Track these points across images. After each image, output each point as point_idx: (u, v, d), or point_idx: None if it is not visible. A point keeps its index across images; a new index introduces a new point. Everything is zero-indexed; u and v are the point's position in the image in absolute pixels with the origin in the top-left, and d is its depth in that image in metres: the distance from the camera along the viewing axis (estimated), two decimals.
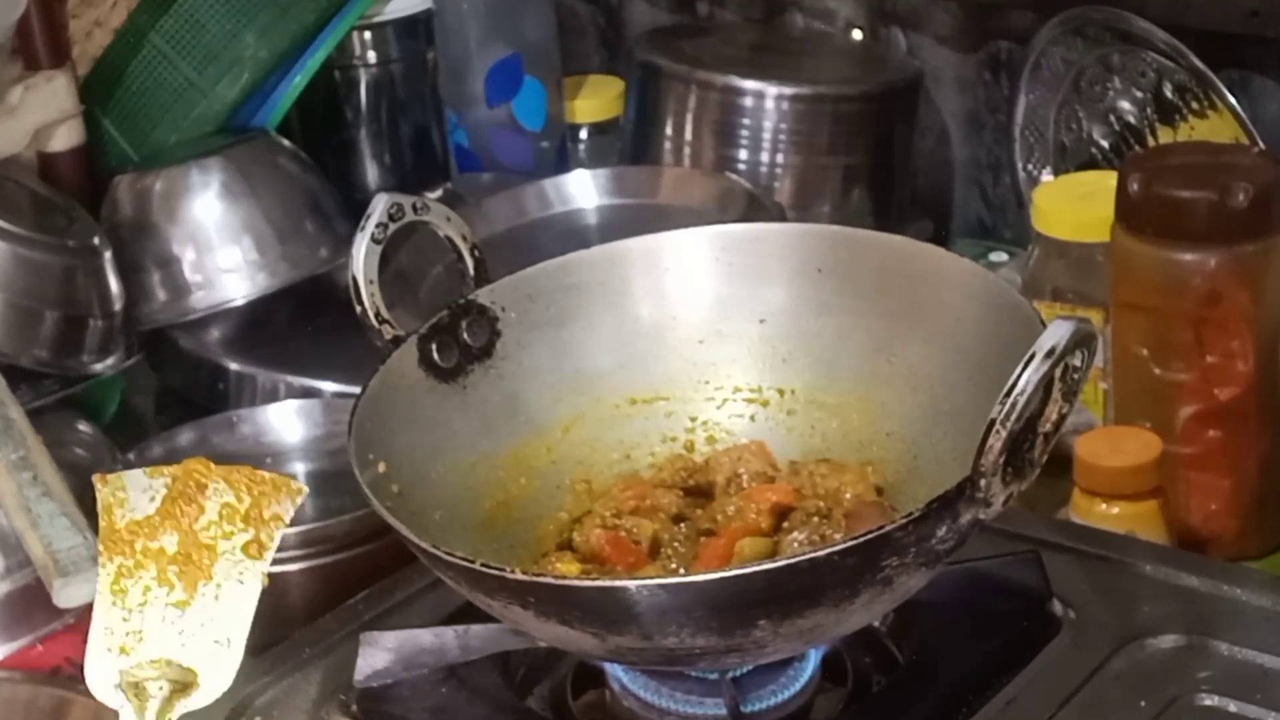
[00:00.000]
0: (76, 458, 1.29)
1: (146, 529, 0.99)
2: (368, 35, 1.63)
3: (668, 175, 1.56)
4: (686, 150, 1.57)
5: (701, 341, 1.10)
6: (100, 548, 0.99)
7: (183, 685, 0.95)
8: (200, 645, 0.96)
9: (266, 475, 1.00)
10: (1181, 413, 1.17)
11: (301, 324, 1.47)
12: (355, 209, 1.20)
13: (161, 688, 0.95)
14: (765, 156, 1.54)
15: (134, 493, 1.01)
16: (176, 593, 0.97)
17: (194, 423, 1.32)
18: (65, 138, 1.50)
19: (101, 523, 1.00)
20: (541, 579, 0.89)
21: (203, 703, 0.95)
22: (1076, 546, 1.08)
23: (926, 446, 1.02)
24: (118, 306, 1.39)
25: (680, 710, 0.97)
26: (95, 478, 1.02)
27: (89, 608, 1.15)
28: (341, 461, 1.09)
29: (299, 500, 1.01)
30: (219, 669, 0.96)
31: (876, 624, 1.02)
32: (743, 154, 1.54)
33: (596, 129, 1.70)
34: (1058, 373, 0.84)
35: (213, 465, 1.01)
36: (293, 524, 1.20)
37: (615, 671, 0.99)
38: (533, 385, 1.07)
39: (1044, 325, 0.84)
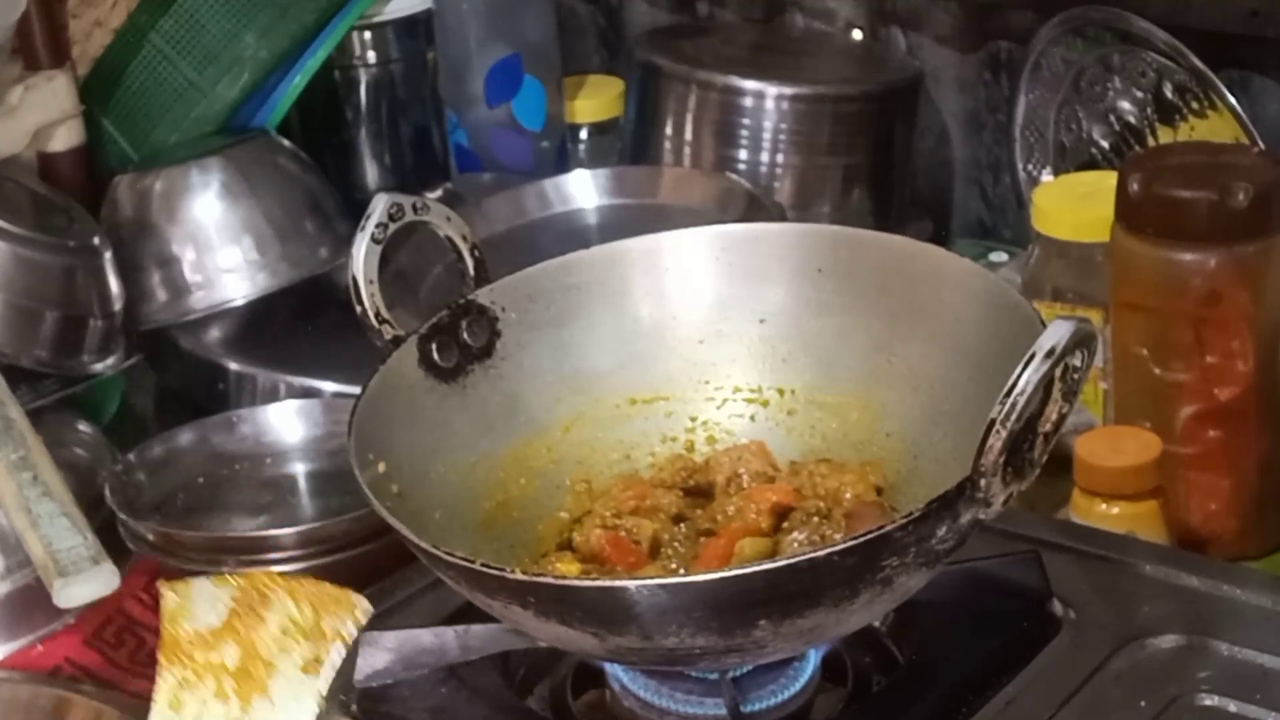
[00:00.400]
0: (76, 458, 1.29)
1: (208, 640, 0.98)
2: (368, 35, 1.63)
3: (668, 175, 1.56)
4: (686, 150, 1.57)
5: (701, 341, 1.10)
6: (160, 658, 0.98)
7: None
8: None
9: (331, 589, 0.99)
10: (1181, 413, 1.17)
11: (301, 324, 1.47)
12: (355, 209, 1.20)
13: None
14: (765, 156, 1.54)
15: (200, 602, 0.99)
16: (232, 708, 0.96)
17: (194, 423, 1.32)
18: (65, 138, 1.50)
19: (164, 632, 0.99)
20: (541, 579, 0.89)
21: None
22: (1076, 546, 1.08)
23: (926, 446, 1.02)
24: (118, 306, 1.39)
25: (680, 710, 0.97)
26: (161, 584, 1.00)
27: (89, 608, 1.16)
28: (341, 461, 1.08)
29: (363, 618, 0.98)
30: None
31: (876, 624, 1.02)
32: (743, 154, 1.54)
33: (596, 129, 1.70)
34: (1058, 373, 0.84)
35: (278, 576, 1.00)
36: (293, 524, 1.21)
37: (615, 671, 0.99)
38: (533, 385, 1.07)
39: (1044, 325, 0.84)
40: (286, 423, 1.33)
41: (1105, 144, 1.48)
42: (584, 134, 1.70)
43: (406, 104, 1.67)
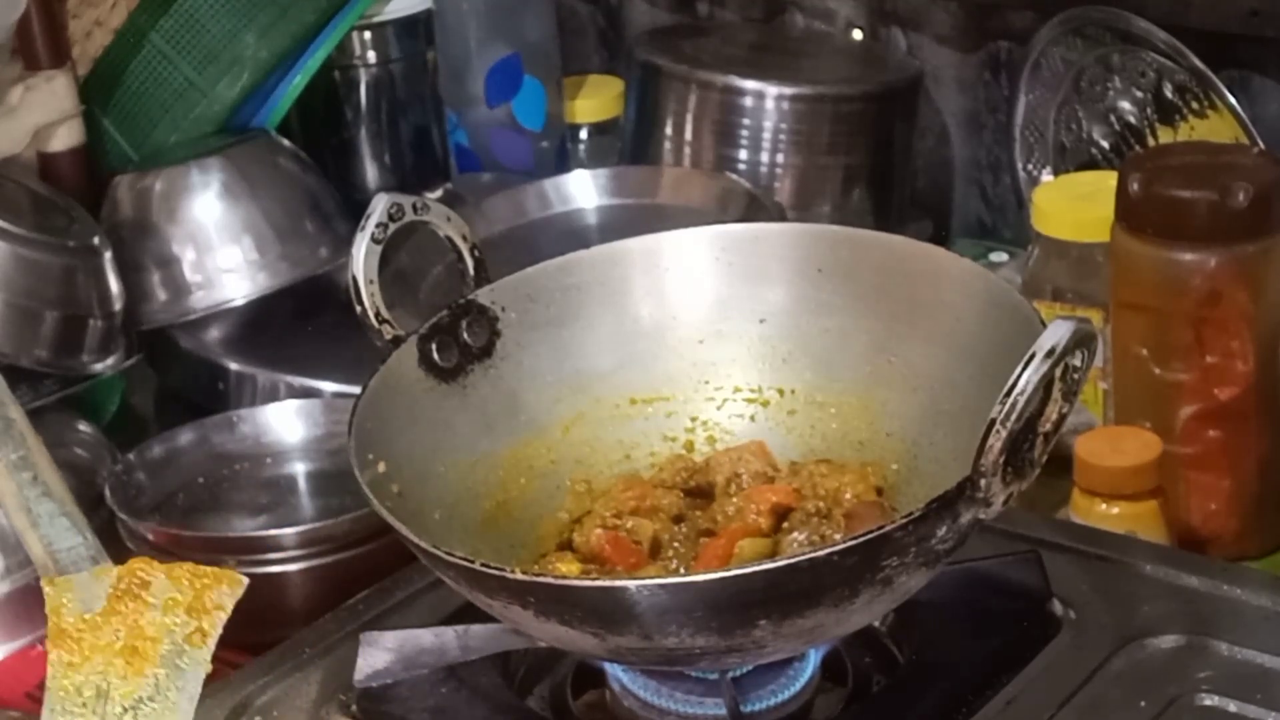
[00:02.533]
0: (76, 458, 1.29)
1: (93, 626, 1.01)
2: (368, 35, 1.63)
3: (668, 175, 1.56)
4: (686, 150, 1.57)
5: (701, 341, 1.10)
6: (49, 646, 1.02)
7: None
8: None
9: (208, 569, 1.03)
10: (1181, 413, 1.17)
11: (301, 324, 1.47)
12: (355, 209, 1.20)
13: None
14: (765, 156, 1.54)
15: (81, 592, 1.03)
16: (123, 683, 1.00)
17: (194, 423, 1.32)
18: (65, 138, 1.50)
19: (50, 623, 1.03)
20: (541, 579, 0.89)
21: None
22: (1076, 546, 1.08)
23: (926, 446, 1.02)
24: (118, 306, 1.39)
25: (680, 710, 0.97)
26: (43, 581, 1.04)
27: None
28: (341, 461, 1.09)
29: (239, 591, 1.03)
30: None
31: (876, 624, 1.02)
32: (743, 154, 1.54)
33: (596, 129, 1.70)
34: (1058, 373, 0.84)
35: (155, 563, 1.04)
36: (293, 524, 1.21)
37: (615, 671, 0.99)
38: (533, 385, 1.07)
39: (1044, 325, 0.84)
40: (286, 423, 1.33)
41: (1105, 144, 1.48)
42: (584, 134, 1.70)
43: (406, 104, 1.67)
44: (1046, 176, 1.52)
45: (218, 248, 1.46)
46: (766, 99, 1.53)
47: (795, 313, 1.08)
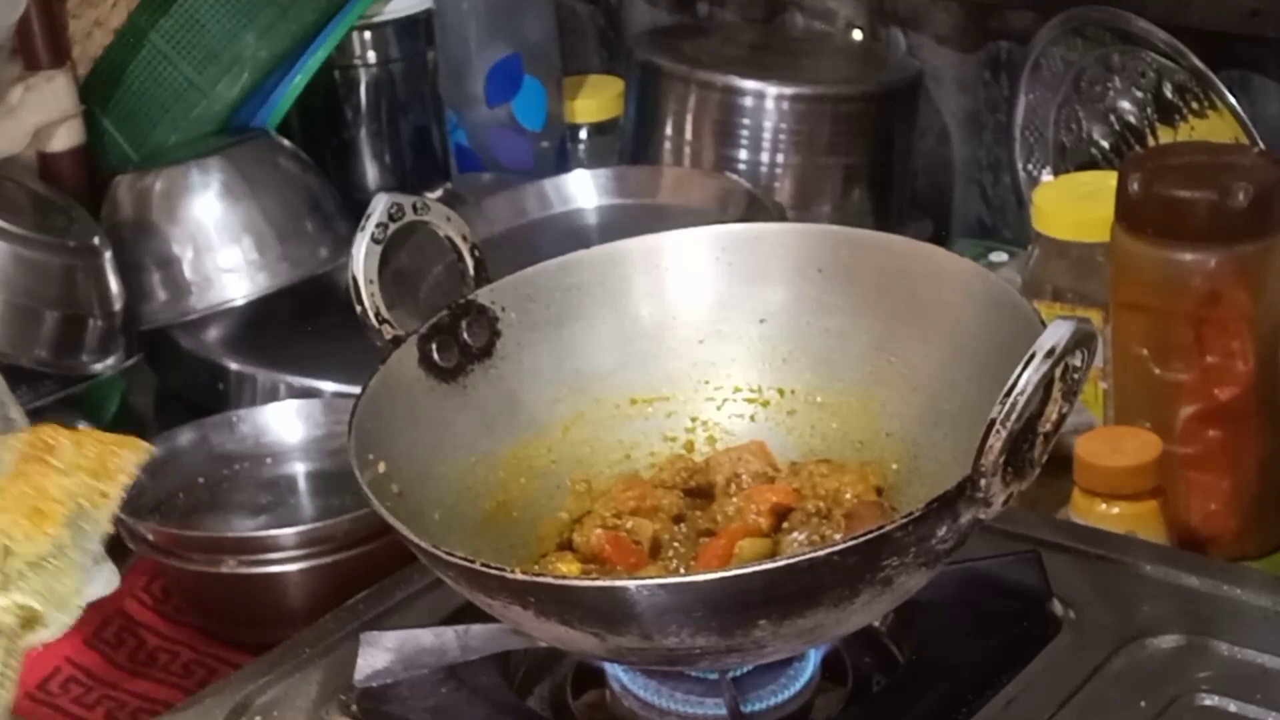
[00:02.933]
0: None
1: (2, 488, 1.02)
2: (368, 35, 1.63)
3: (668, 175, 1.56)
4: (686, 150, 1.57)
5: (701, 341, 1.10)
6: None
7: (30, 622, 0.99)
8: (48, 587, 1.00)
9: (112, 435, 1.04)
10: (1181, 413, 1.17)
11: (301, 324, 1.47)
12: (355, 209, 1.20)
13: (10, 625, 0.98)
14: (765, 156, 1.54)
15: None
16: (27, 542, 1.00)
17: (194, 423, 1.32)
18: (65, 138, 1.50)
19: None
20: (541, 579, 0.89)
21: (49, 637, 0.99)
22: (1076, 546, 1.08)
23: (926, 446, 1.02)
24: (118, 306, 1.39)
25: (680, 710, 0.97)
26: None
27: (89, 607, 1.15)
28: (341, 461, 1.09)
29: (145, 456, 1.04)
30: (65, 608, 0.99)
31: (876, 624, 1.02)
32: (743, 154, 1.54)
33: (596, 129, 1.70)
34: (1058, 373, 0.84)
35: (61, 428, 1.04)
36: (293, 524, 1.21)
37: (615, 671, 0.99)
38: (533, 385, 1.07)
39: (1044, 325, 0.84)
40: (286, 423, 1.33)
41: (1105, 144, 1.48)
42: (584, 134, 1.70)
43: (406, 104, 1.67)
44: (1046, 176, 1.52)
45: (218, 248, 1.46)
46: (766, 99, 1.53)
47: (795, 313, 1.08)
